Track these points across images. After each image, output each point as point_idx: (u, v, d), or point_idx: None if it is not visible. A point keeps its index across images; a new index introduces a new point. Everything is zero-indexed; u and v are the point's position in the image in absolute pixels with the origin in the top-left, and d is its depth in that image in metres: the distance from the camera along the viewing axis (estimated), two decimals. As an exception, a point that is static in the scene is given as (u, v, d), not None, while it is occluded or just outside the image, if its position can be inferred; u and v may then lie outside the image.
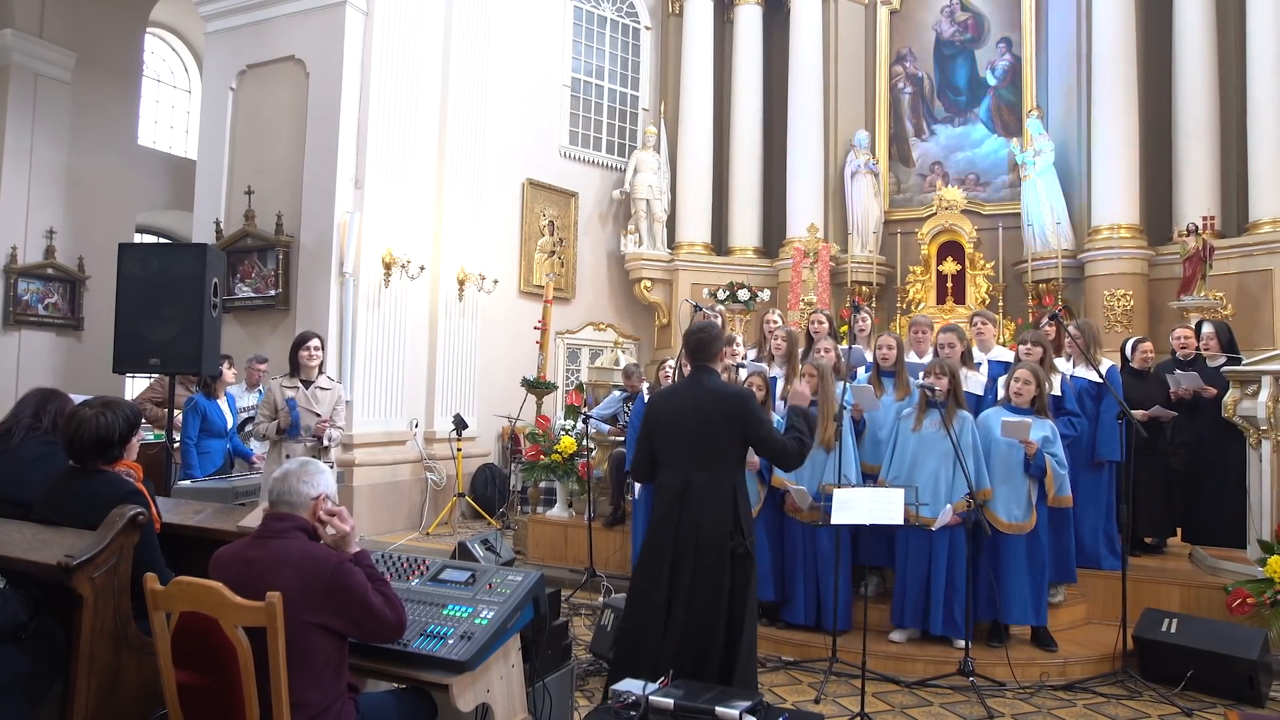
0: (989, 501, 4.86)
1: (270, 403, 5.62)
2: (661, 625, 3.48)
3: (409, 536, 8.20)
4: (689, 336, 3.81)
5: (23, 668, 2.61)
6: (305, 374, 5.70)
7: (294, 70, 8.74)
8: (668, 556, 3.53)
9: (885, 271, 11.16)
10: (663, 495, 3.63)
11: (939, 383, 4.86)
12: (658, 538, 3.59)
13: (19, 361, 10.57)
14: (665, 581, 3.51)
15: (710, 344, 3.75)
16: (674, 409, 3.69)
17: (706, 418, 3.59)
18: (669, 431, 3.67)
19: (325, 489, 2.60)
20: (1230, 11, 9.68)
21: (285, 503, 2.52)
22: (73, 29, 11.13)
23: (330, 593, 2.38)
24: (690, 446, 3.60)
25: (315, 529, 2.55)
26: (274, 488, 2.55)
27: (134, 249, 5.53)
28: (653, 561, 3.58)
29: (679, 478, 3.59)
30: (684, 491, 3.55)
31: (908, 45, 11.78)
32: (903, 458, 5.00)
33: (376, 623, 2.47)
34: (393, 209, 8.70)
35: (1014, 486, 4.87)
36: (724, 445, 3.61)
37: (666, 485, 3.63)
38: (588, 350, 11.61)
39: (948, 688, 4.49)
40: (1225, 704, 4.31)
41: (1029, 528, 4.87)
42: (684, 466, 3.59)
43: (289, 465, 2.61)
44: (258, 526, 2.56)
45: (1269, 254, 9.06)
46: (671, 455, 3.65)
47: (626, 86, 12.32)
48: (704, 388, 3.67)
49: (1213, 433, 5.67)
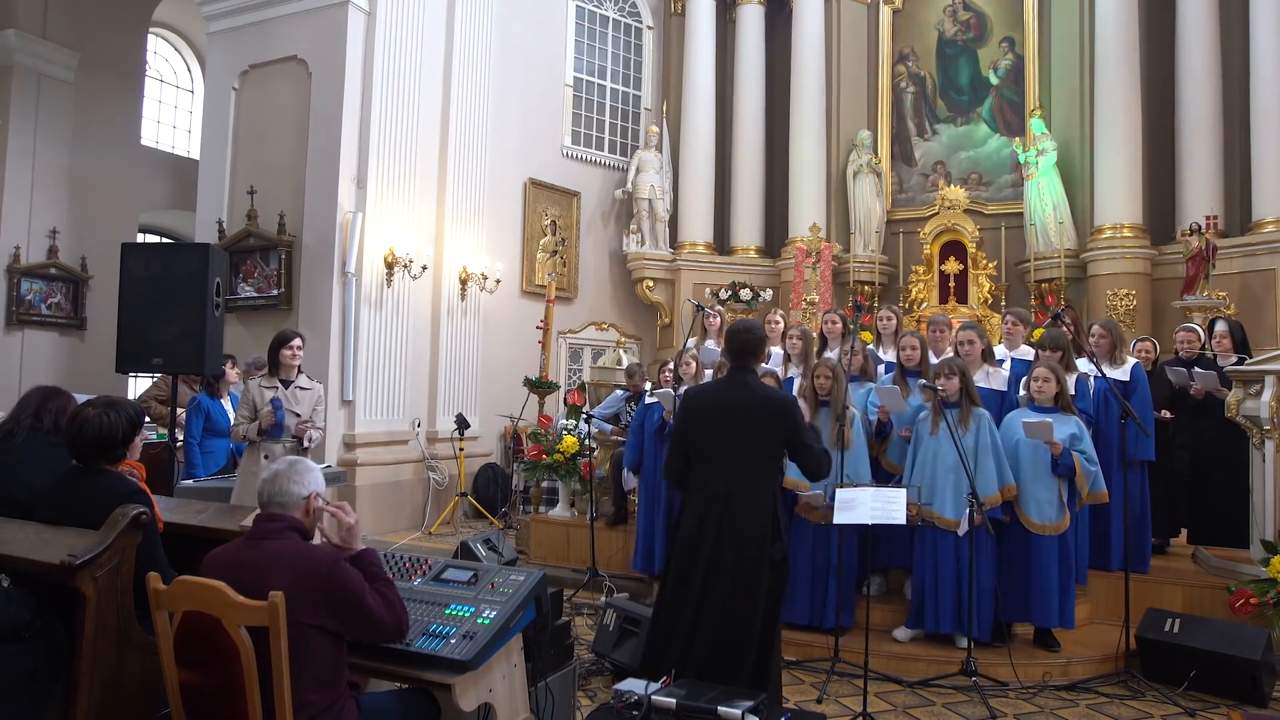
0: (1019, 501, 4.83)
1: (249, 403, 5.37)
2: (692, 628, 3.43)
3: (411, 536, 8.21)
4: (735, 335, 3.72)
5: (26, 667, 2.61)
6: (285, 373, 5.47)
7: (296, 70, 8.74)
8: (703, 560, 3.45)
9: (888, 271, 11.15)
10: (701, 497, 3.53)
11: (948, 384, 4.85)
12: (696, 540, 3.50)
13: (22, 361, 10.59)
14: (699, 584, 3.44)
15: (757, 344, 3.70)
16: (716, 408, 3.60)
17: (750, 419, 3.53)
18: (709, 432, 3.58)
19: (316, 487, 2.58)
20: (1233, 10, 9.66)
21: (277, 503, 2.50)
22: (75, 29, 11.15)
23: (325, 594, 2.37)
24: (732, 449, 3.53)
25: (308, 528, 2.54)
26: (263, 489, 2.52)
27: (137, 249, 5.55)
28: (688, 564, 3.50)
29: (720, 480, 3.51)
30: (726, 494, 3.47)
31: (910, 45, 11.77)
32: (924, 461, 4.95)
33: (372, 625, 2.46)
34: (395, 209, 8.71)
35: (1044, 486, 4.82)
36: (766, 449, 3.56)
37: (706, 487, 3.53)
38: (590, 350, 11.62)
39: (950, 688, 4.48)
40: (1228, 704, 4.30)
41: (1063, 528, 4.82)
42: (725, 469, 3.52)
43: (277, 465, 2.58)
44: (249, 528, 2.54)
45: (1272, 254, 9.04)
46: (711, 456, 3.56)
47: (629, 86, 12.32)
48: (747, 388, 3.61)
49: (1216, 433, 5.66)
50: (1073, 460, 4.76)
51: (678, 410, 3.92)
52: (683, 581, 3.50)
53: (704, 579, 3.45)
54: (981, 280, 10.38)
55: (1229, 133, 9.61)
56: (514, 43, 10.52)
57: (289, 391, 5.43)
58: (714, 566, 3.45)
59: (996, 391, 5.34)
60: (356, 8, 8.50)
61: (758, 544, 3.46)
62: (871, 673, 4.30)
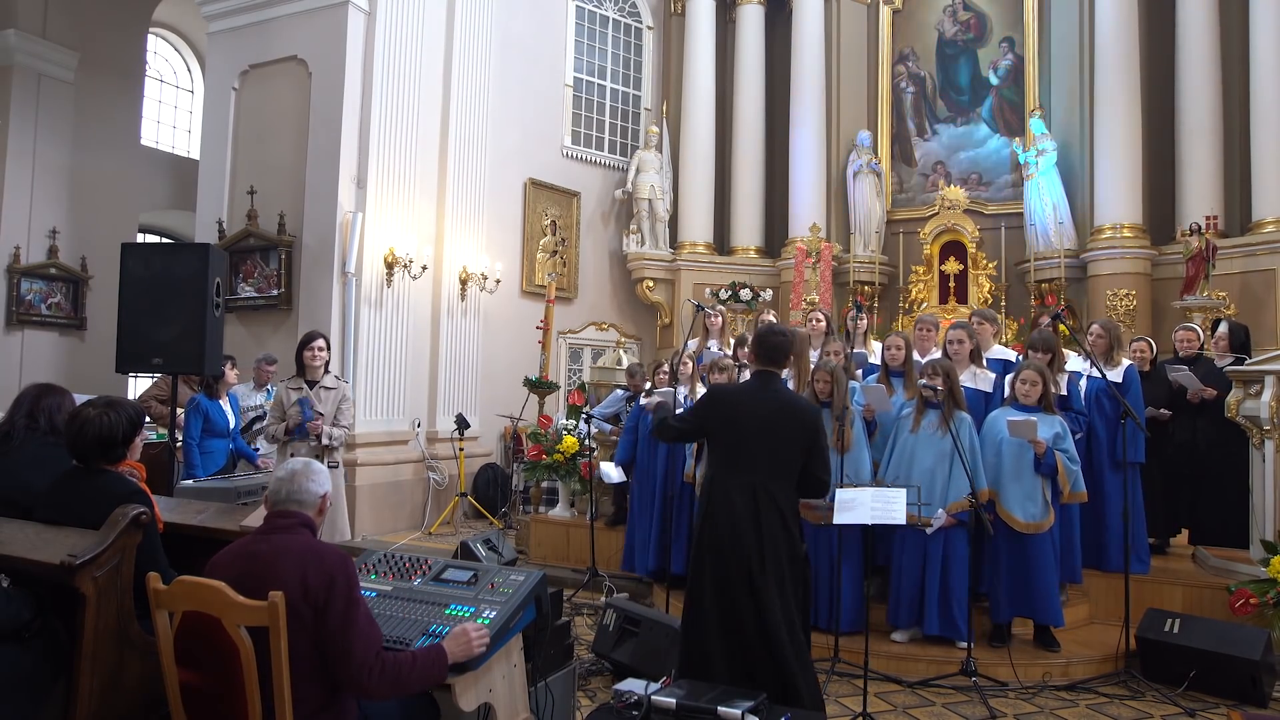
0: (1002, 501, 4.85)
1: (279, 405, 5.65)
2: (739, 637, 3.41)
3: (411, 536, 8.21)
4: (764, 339, 3.71)
5: (25, 667, 2.61)
6: (310, 374, 5.71)
7: (296, 70, 8.74)
8: (743, 566, 3.42)
9: (888, 271, 11.15)
10: (731, 501, 3.51)
11: (935, 382, 4.87)
12: (729, 546, 3.46)
13: (22, 361, 10.59)
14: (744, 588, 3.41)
15: (786, 349, 3.70)
16: (745, 411, 3.57)
17: (778, 425, 3.53)
18: (738, 435, 3.56)
19: (328, 487, 2.66)
20: (1233, 10, 9.66)
21: (295, 501, 2.54)
22: (75, 29, 11.16)
23: (327, 590, 2.34)
24: (761, 454, 3.52)
25: (319, 526, 2.58)
26: (280, 488, 2.55)
27: (137, 249, 5.54)
28: (721, 570, 3.46)
29: (747, 484, 3.49)
30: (755, 499, 3.46)
31: (910, 45, 11.77)
32: (900, 458, 5.00)
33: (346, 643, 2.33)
34: (395, 209, 8.70)
35: (1026, 485, 4.84)
36: (792, 455, 3.57)
37: (734, 491, 3.50)
38: (590, 350, 11.62)
39: (950, 688, 4.49)
40: (1228, 704, 4.30)
41: (1047, 525, 4.83)
42: (753, 473, 3.50)
43: (293, 465, 2.62)
44: (261, 523, 2.57)
45: (1272, 254, 9.04)
46: (738, 460, 3.55)
47: (629, 86, 12.32)
48: (775, 394, 3.62)
49: (1215, 433, 5.66)
50: (1055, 459, 4.79)
51: (703, 398, 3.91)
52: (723, 587, 3.45)
53: (749, 585, 3.41)
54: (981, 280, 10.39)
55: (1229, 133, 9.61)
56: (514, 43, 10.51)
57: (314, 392, 5.68)
58: (756, 572, 3.42)
59: (981, 392, 5.35)
60: (356, 8, 8.50)
61: (790, 547, 3.49)
62: (871, 673, 4.31)
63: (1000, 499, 4.87)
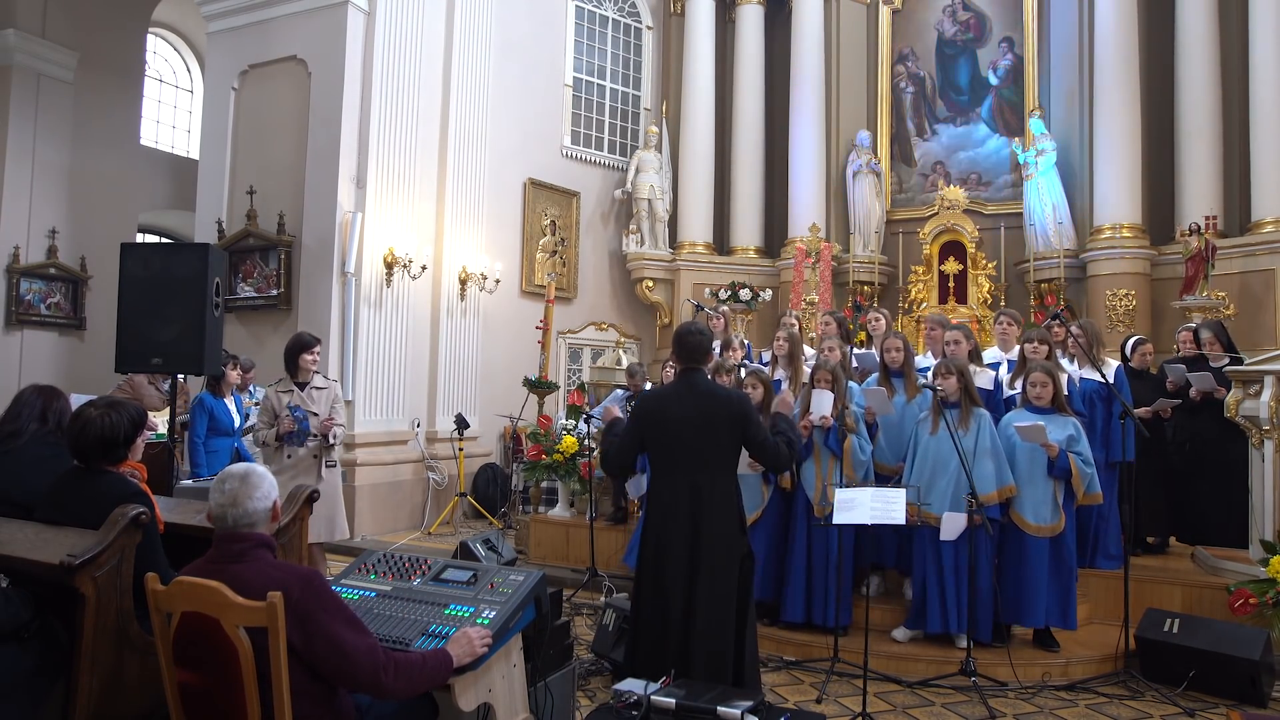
0: (1015, 503, 4.83)
1: (269, 409, 5.49)
2: (684, 631, 3.47)
3: (411, 536, 8.21)
4: (683, 337, 3.75)
5: (25, 667, 2.61)
6: (302, 376, 5.56)
7: (296, 70, 8.75)
8: (684, 562, 3.50)
9: (887, 271, 11.16)
10: (668, 500, 3.59)
11: (946, 382, 4.85)
12: (670, 543, 3.54)
13: (21, 361, 10.59)
14: (683, 587, 3.49)
15: (705, 346, 3.75)
16: (673, 413, 3.63)
17: (708, 420, 3.59)
18: (670, 437, 3.62)
19: (275, 493, 2.48)
20: (1232, 11, 9.66)
21: (245, 524, 2.36)
22: (75, 29, 11.15)
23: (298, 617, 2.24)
24: (695, 450, 3.58)
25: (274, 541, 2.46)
26: (225, 513, 2.35)
27: (136, 249, 5.53)
28: (664, 568, 3.54)
29: (684, 482, 3.57)
30: (693, 496, 3.53)
31: (909, 45, 11.77)
32: (924, 463, 4.93)
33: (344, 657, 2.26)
34: (394, 209, 8.71)
35: (1040, 488, 4.82)
36: (727, 447, 3.62)
37: (671, 490, 3.59)
38: (589, 350, 11.62)
39: (950, 688, 4.49)
40: (1227, 704, 4.31)
41: (1058, 529, 4.81)
42: (689, 471, 3.57)
43: (229, 485, 2.37)
44: (210, 550, 2.38)
45: (1271, 254, 9.04)
46: (672, 460, 3.62)
47: (628, 86, 12.31)
48: (701, 390, 3.67)
49: (1214, 432, 5.66)
50: (1069, 462, 4.76)
51: (632, 413, 3.96)
52: (660, 582, 3.55)
53: (690, 580, 3.50)
54: (981, 280, 10.39)
55: (1228, 133, 9.61)
56: (514, 43, 10.51)
57: (305, 394, 5.51)
58: (697, 566, 3.50)
59: (983, 391, 5.35)
60: (356, 8, 8.50)
61: (730, 540, 3.55)
62: (871, 673, 4.30)
63: (1013, 501, 4.85)
